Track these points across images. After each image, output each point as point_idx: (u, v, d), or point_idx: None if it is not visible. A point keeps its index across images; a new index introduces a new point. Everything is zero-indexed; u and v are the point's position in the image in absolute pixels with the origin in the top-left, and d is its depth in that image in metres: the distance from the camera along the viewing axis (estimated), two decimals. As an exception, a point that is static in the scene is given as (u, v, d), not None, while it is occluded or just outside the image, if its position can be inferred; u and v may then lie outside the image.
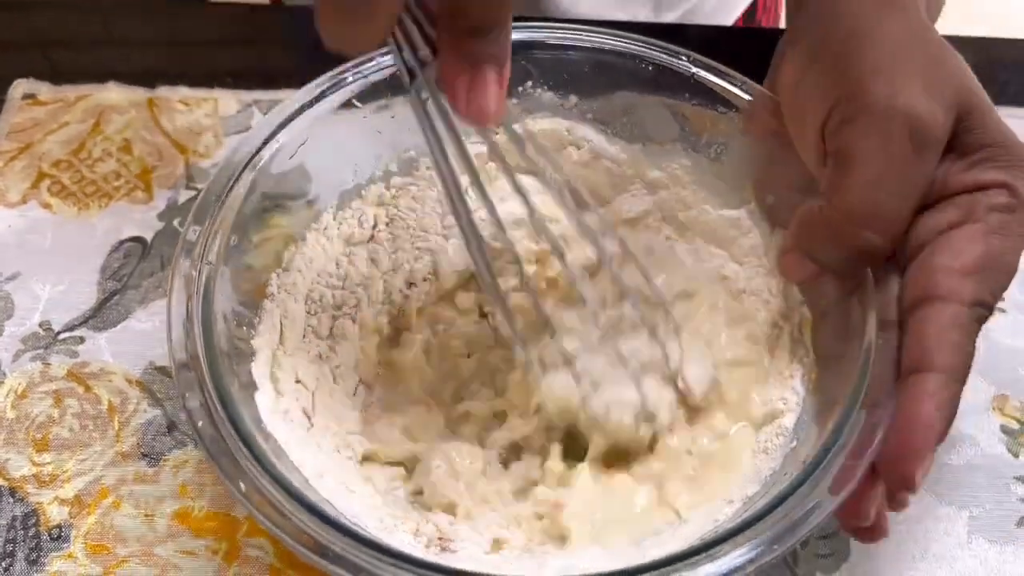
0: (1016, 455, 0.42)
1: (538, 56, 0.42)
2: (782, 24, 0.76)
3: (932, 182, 0.33)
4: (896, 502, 0.33)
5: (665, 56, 0.41)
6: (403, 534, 0.34)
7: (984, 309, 0.31)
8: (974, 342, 0.31)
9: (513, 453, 0.40)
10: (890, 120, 0.32)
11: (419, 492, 0.38)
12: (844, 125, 0.33)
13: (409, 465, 0.39)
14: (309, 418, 0.38)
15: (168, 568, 0.37)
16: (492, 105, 0.29)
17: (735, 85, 0.41)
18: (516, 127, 0.36)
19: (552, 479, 0.38)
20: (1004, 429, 0.43)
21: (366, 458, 0.38)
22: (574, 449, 0.39)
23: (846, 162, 0.33)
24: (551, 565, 0.34)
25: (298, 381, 0.38)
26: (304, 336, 0.40)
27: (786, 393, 0.38)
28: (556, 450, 0.38)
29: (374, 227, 0.43)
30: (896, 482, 0.30)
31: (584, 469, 0.38)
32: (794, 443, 0.35)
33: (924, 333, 0.31)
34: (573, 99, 0.44)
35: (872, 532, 0.33)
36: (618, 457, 0.39)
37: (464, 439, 0.40)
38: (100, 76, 0.54)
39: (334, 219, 0.42)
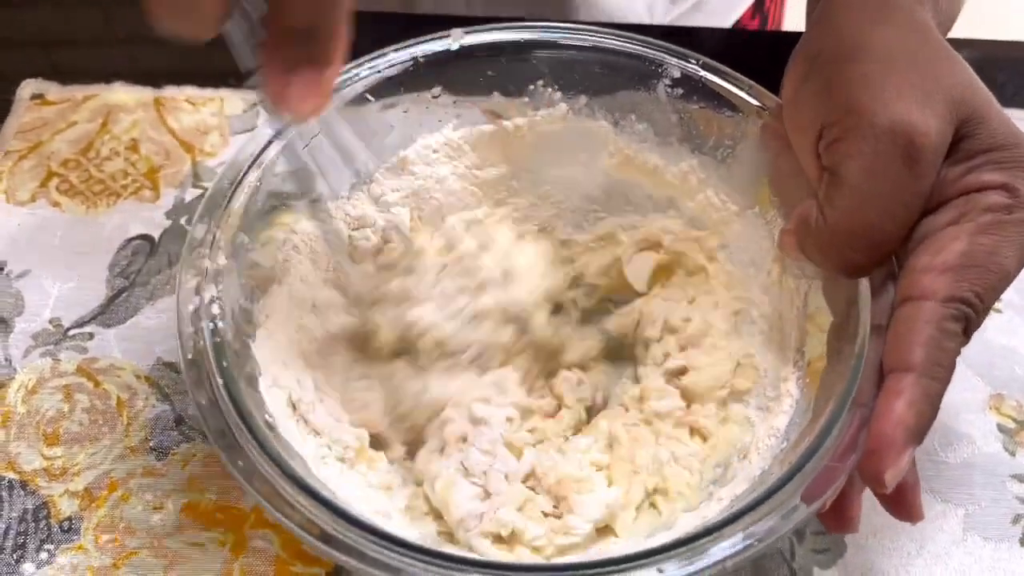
0: (1012, 453, 0.42)
1: (548, 56, 0.43)
2: (787, 14, 0.77)
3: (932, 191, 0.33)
4: (903, 510, 0.33)
5: (674, 59, 0.42)
6: (399, 517, 0.35)
7: (963, 306, 0.31)
8: (955, 339, 0.31)
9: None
10: (879, 139, 0.31)
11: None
12: (835, 143, 0.33)
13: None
14: (312, 406, 0.38)
15: (176, 560, 0.38)
16: (305, 107, 0.31)
17: (742, 89, 0.41)
18: None
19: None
20: (1000, 428, 0.43)
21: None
22: None
23: (836, 182, 0.33)
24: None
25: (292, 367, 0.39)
26: (310, 320, 0.40)
27: (781, 395, 0.38)
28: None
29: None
30: (868, 479, 0.30)
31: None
32: (784, 444, 0.35)
33: (899, 332, 0.31)
34: (583, 99, 0.44)
35: (837, 522, 0.33)
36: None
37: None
38: (106, 76, 0.54)
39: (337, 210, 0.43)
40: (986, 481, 0.41)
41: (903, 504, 0.33)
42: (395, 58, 0.41)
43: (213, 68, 0.55)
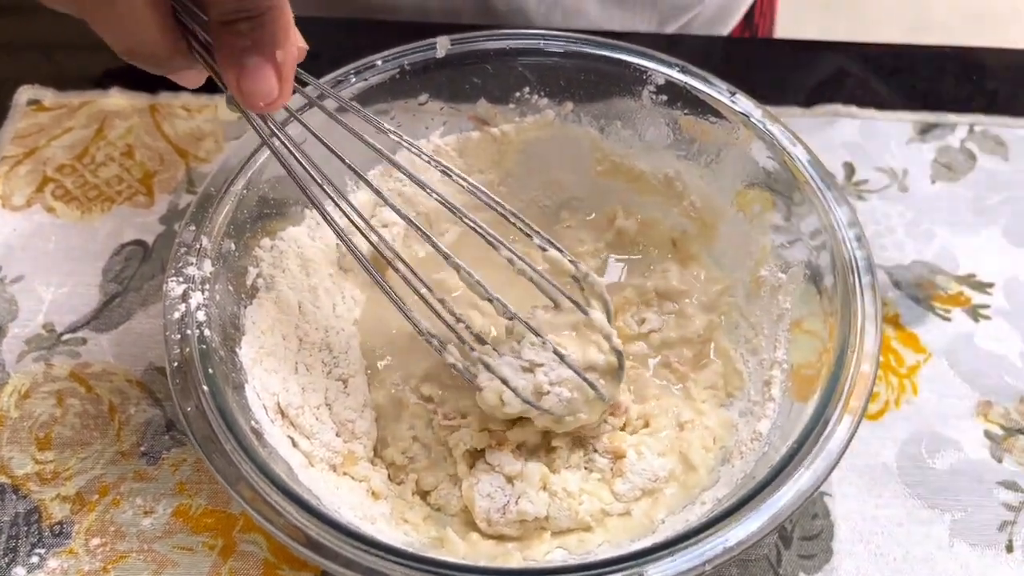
0: (999, 460, 0.42)
1: (535, 63, 0.43)
2: (777, 28, 0.77)
3: None
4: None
5: (660, 66, 0.42)
6: (383, 523, 0.36)
7: None
8: None
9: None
10: None
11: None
12: None
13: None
14: (302, 410, 0.39)
15: (166, 563, 0.38)
16: (263, 94, 0.30)
17: (725, 95, 0.41)
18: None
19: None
20: (988, 434, 0.43)
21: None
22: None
23: None
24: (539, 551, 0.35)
25: (275, 372, 0.39)
26: (296, 327, 0.41)
27: (764, 399, 0.38)
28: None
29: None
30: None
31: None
32: (767, 448, 0.36)
33: None
34: (569, 106, 0.44)
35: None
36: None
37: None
38: (103, 82, 0.55)
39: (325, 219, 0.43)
40: (973, 487, 0.41)
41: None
42: (382, 66, 0.42)
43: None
